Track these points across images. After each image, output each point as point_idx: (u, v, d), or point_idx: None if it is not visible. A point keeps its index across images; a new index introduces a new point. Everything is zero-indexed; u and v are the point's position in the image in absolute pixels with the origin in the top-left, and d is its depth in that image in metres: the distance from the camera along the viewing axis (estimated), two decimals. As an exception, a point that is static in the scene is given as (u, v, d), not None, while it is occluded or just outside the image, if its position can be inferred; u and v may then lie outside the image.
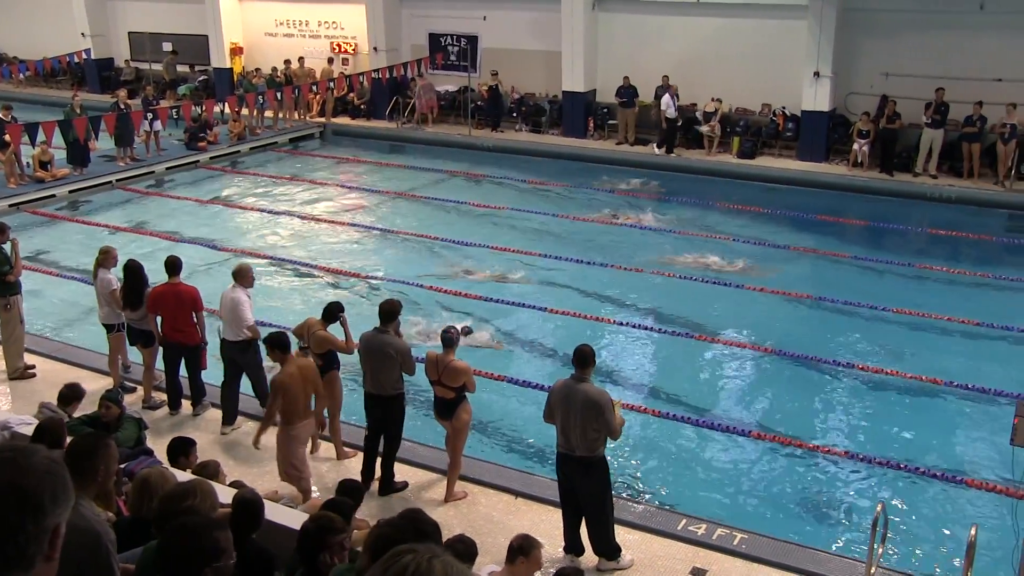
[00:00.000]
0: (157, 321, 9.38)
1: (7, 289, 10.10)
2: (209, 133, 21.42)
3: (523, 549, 5.41)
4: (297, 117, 24.07)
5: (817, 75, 19.07)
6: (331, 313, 8.53)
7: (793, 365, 11.02)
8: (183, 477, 5.25)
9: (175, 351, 9.41)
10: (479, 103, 22.97)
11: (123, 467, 5.84)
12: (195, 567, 3.32)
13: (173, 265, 9.34)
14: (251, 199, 18.42)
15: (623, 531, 7.27)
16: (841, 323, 12.25)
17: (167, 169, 20.19)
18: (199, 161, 20.82)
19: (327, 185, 19.52)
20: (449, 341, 7.76)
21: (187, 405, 9.62)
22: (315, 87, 23.29)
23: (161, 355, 9.61)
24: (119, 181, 19.23)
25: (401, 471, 8.28)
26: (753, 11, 20.10)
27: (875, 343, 11.60)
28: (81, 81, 28.73)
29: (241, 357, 9.13)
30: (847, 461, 8.90)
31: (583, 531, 7.11)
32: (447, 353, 7.74)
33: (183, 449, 6.86)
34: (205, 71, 27.08)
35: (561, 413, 6.84)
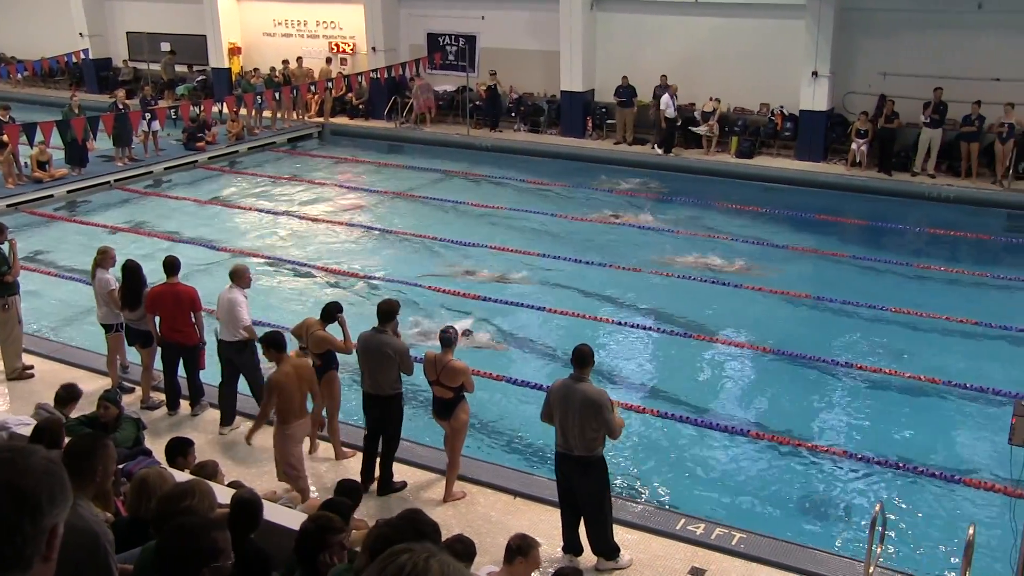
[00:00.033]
0: (156, 321, 9.39)
1: (5, 289, 10.10)
2: (207, 133, 21.41)
3: (521, 549, 5.41)
4: (295, 117, 24.06)
5: (815, 75, 19.08)
6: (329, 313, 8.54)
7: (791, 365, 11.02)
8: (181, 477, 5.24)
9: (173, 351, 9.42)
10: (477, 103, 22.96)
11: (121, 467, 5.83)
12: (193, 567, 3.31)
13: (171, 265, 9.35)
14: (249, 199, 18.41)
15: (622, 531, 7.27)
16: (839, 323, 12.26)
17: (165, 169, 20.19)
18: (197, 161, 20.82)
19: (325, 185, 19.51)
20: (447, 341, 7.76)
21: (185, 405, 9.63)
22: (313, 87, 23.29)
23: (159, 355, 9.61)
24: (117, 181, 19.22)
25: (400, 471, 8.29)
26: (751, 11, 20.11)
27: (873, 343, 11.61)
28: (79, 81, 28.71)
29: (238, 357, 9.13)
30: (845, 460, 8.91)
31: (582, 531, 7.11)
32: (445, 353, 7.74)
33: (181, 449, 6.85)
34: (203, 71, 27.06)
35: (560, 413, 6.84)
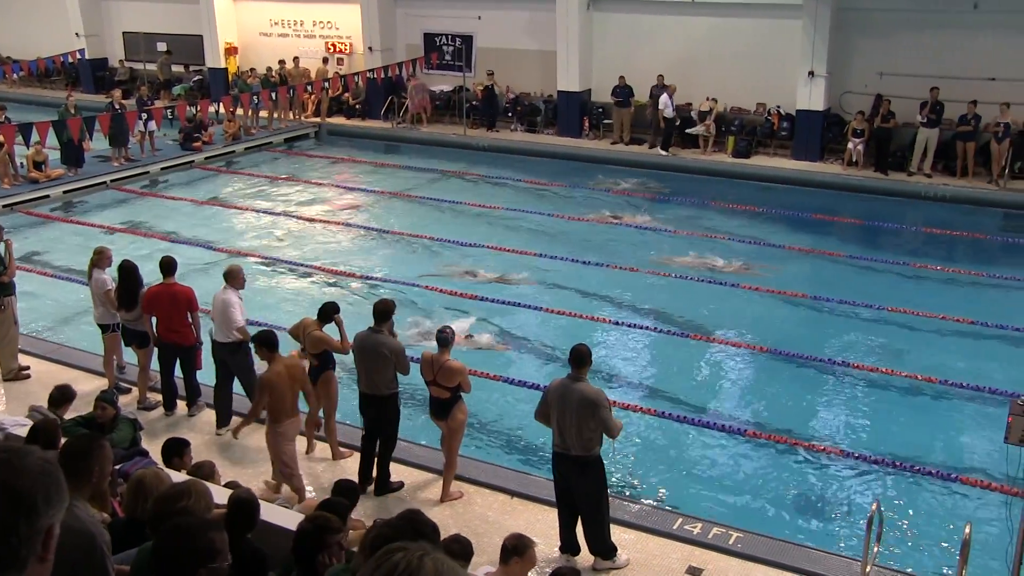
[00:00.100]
0: (152, 322, 9.38)
1: (1, 290, 10.07)
2: (204, 133, 21.37)
3: (517, 549, 5.38)
4: (292, 117, 24.05)
5: (812, 74, 19.09)
6: (326, 313, 8.53)
7: (788, 364, 11.03)
8: (178, 478, 5.24)
9: (170, 352, 9.40)
10: (474, 103, 22.96)
11: (118, 468, 5.83)
12: (190, 568, 3.30)
13: (168, 266, 9.33)
14: (246, 199, 18.39)
15: (619, 530, 7.27)
16: (836, 322, 12.27)
17: (162, 169, 20.16)
18: (194, 161, 20.79)
19: (322, 185, 19.49)
20: (444, 341, 7.76)
21: (182, 406, 9.61)
22: (310, 87, 23.27)
23: (156, 356, 9.59)
24: (114, 181, 19.19)
25: (397, 471, 8.28)
26: (748, 10, 20.13)
27: (870, 342, 11.63)
28: (75, 81, 28.66)
29: (231, 359, 9.11)
30: (842, 459, 8.92)
31: (579, 530, 7.11)
32: (442, 353, 7.74)
33: (177, 450, 6.83)
34: (200, 71, 27.03)
35: (557, 412, 6.84)
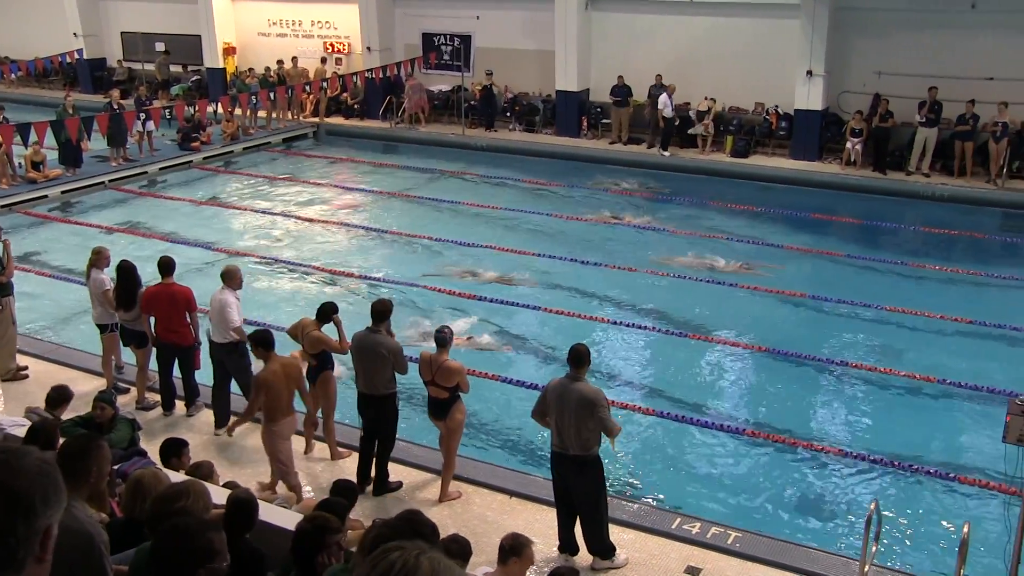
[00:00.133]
0: (151, 322, 9.37)
1: (-1, 290, 10.07)
2: (202, 133, 21.37)
3: (514, 549, 5.38)
4: (290, 117, 24.03)
5: (810, 74, 19.10)
6: (325, 313, 8.52)
7: (787, 363, 11.03)
8: (177, 478, 5.24)
9: (168, 352, 9.40)
10: (473, 103, 22.95)
11: (116, 468, 5.82)
12: (189, 568, 3.30)
13: (166, 266, 9.32)
14: (245, 199, 18.39)
15: (617, 530, 7.28)
16: (834, 321, 12.27)
17: (160, 169, 20.15)
18: (192, 161, 20.78)
19: (321, 185, 19.49)
20: (443, 341, 7.75)
21: (180, 406, 9.60)
22: (308, 87, 23.26)
23: (155, 356, 9.59)
24: (112, 181, 19.18)
25: (395, 471, 8.28)
26: (746, 10, 20.14)
27: (868, 341, 11.64)
28: (73, 81, 28.64)
29: (228, 359, 9.09)
30: (841, 459, 8.92)
31: (578, 530, 7.11)
32: (441, 353, 7.73)
33: (175, 450, 6.83)
34: (198, 71, 27.02)
35: (555, 412, 6.84)
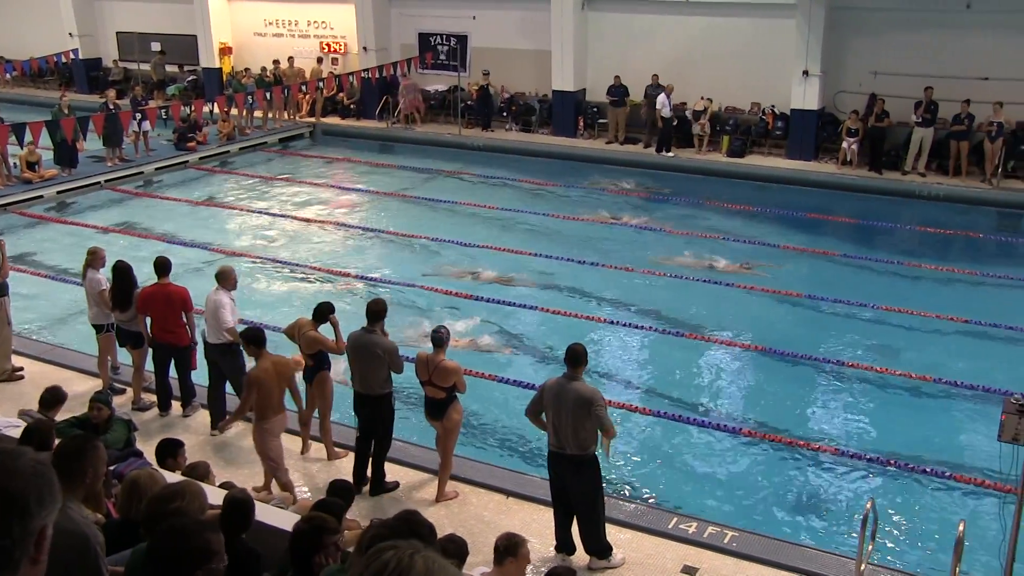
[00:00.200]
0: (147, 322, 9.36)
1: (-6, 291, 10.05)
2: (198, 133, 21.34)
3: (509, 549, 5.36)
4: (286, 117, 24.01)
5: (806, 74, 19.13)
6: (321, 313, 8.52)
7: (783, 363, 11.04)
8: (173, 479, 5.23)
9: (165, 352, 9.37)
10: (469, 103, 22.95)
11: (113, 469, 5.82)
12: (187, 569, 3.29)
13: (162, 266, 9.30)
14: (241, 199, 18.36)
15: (614, 530, 7.28)
16: (830, 321, 12.29)
17: (156, 169, 20.11)
18: (188, 161, 20.75)
19: (317, 185, 19.47)
20: (439, 341, 7.75)
21: (177, 406, 9.58)
22: (304, 87, 23.24)
23: (151, 356, 9.57)
24: (108, 182, 19.14)
25: (392, 471, 8.28)
26: (742, 10, 20.15)
27: (864, 340, 11.65)
28: (69, 81, 28.58)
29: (222, 360, 9.06)
30: (836, 458, 8.94)
31: (574, 530, 7.11)
32: (437, 353, 7.73)
33: (171, 451, 6.82)
34: (194, 71, 26.98)
35: (552, 411, 6.84)
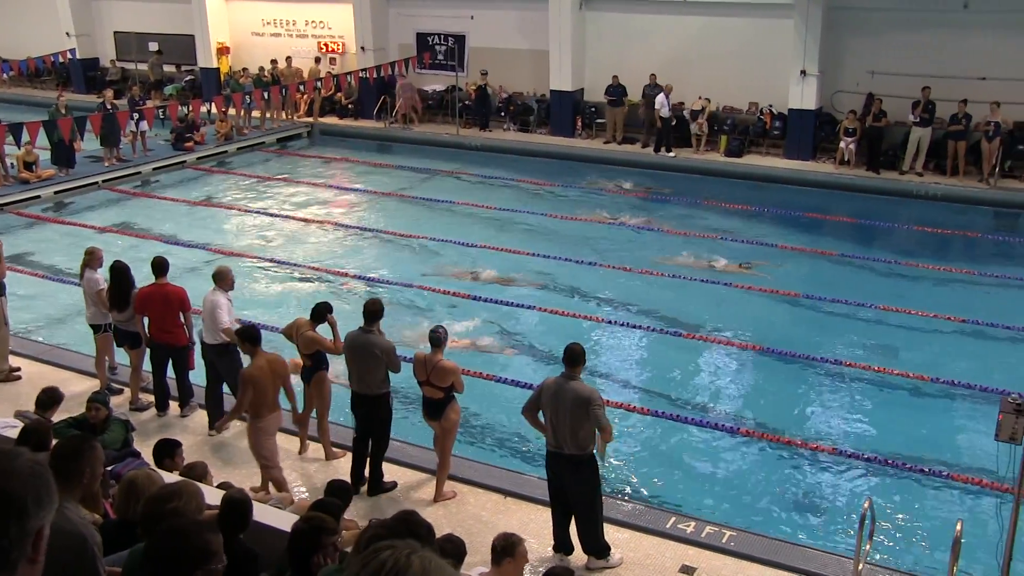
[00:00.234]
0: (144, 322, 9.34)
1: (-8, 291, 10.03)
2: (196, 133, 21.33)
3: (506, 549, 5.36)
4: (284, 117, 23.99)
5: (804, 73, 19.14)
6: (319, 313, 8.51)
7: (782, 362, 11.05)
8: (171, 479, 5.22)
9: (162, 352, 9.36)
10: (467, 102, 22.94)
11: (110, 469, 5.81)
12: (185, 570, 3.28)
13: (160, 266, 9.30)
14: (239, 200, 18.35)
15: (612, 529, 7.28)
16: (829, 320, 12.30)
17: (154, 169, 20.10)
18: (186, 161, 20.73)
19: (315, 185, 19.46)
20: (437, 341, 7.75)
21: (174, 407, 9.57)
22: (302, 87, 23.23)
23: (148, 356, 9.56)
24: (105, 182, 19.12)
25: (390, 471, 8.28)
26: (740, 10, 20.17)
27: (861, 340, 11.65)
28: (66, 81, 28.55)
29: (219, 360, 9.05)
30: (834, 457, 8.94)
31: (572, 530, 7.11)
32: (435, 353, 7.73)
33: (168, 451, 6.81)
34: (191, 71, 26.96)
35: (551, 411, 6.85)
